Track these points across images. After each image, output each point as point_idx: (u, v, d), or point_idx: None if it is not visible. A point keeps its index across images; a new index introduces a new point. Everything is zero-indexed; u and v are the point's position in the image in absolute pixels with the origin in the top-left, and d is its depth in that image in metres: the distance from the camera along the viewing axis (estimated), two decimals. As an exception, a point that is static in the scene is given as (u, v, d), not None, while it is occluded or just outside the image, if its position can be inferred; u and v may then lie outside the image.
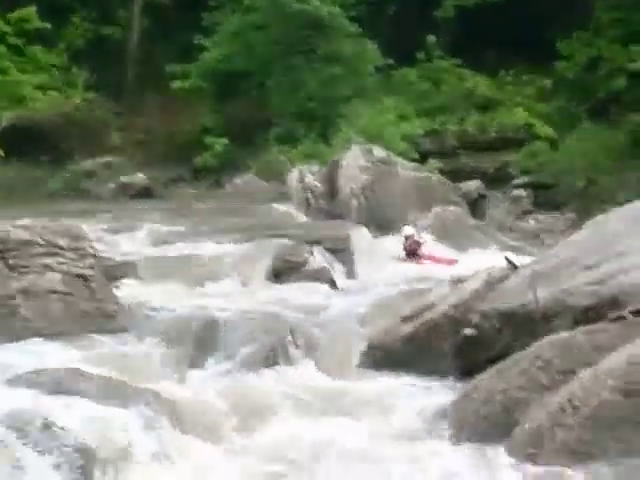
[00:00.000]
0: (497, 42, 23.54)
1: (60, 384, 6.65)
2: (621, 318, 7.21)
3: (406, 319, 8.78)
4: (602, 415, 6.00)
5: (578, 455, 5.91)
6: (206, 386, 7.57)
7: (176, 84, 23.64)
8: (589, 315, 7.43)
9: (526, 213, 21.90)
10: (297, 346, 8.88)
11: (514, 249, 16.13)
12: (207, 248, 12.86)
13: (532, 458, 5.99)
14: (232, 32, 24.00)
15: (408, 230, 15.56)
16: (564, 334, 7.05)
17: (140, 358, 8.49)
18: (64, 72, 24.76)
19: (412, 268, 14.11)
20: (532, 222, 21.36)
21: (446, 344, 8.41)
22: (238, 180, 21.41)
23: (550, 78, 24.54)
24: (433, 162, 21.59)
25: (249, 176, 21.45)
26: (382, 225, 16.65)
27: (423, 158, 21.57)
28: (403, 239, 15.36)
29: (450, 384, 7.91)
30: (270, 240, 12.98)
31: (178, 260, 12.39)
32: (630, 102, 22.73)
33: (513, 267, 8.88)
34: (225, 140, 22.53)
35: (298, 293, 11.09)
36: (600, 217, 9.20)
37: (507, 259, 9.12)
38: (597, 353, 6.62)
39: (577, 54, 24.00)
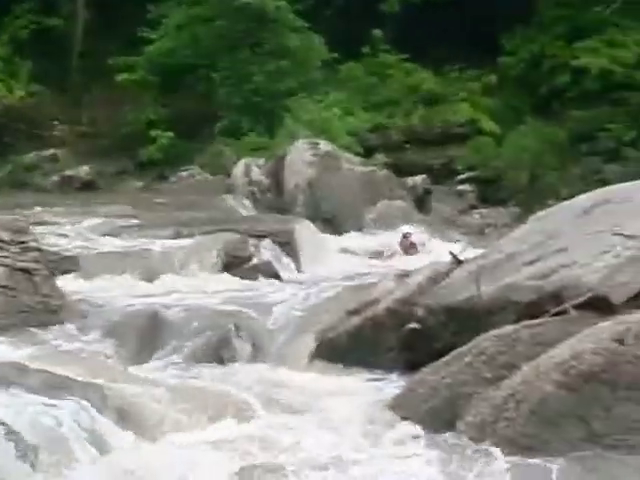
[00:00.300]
0: (443, 37, 23.63)
1: (3, 378, 6.59)
2: (563, 313, 7.30)
3: (352, 313, 8.81)
4: (545, 409, 6.06)
5: (520, 448, 5.98)
6: (151, 381, 7.53)
7: (122, 76, 23.47)
8: (532, 310, 7.50)
9: (471, 208, 22.04)
10: (243, 341, 8.89)
11: (459, 244, 16.22)
12: (152, 242, 12.81)
13: (474, 451, 6.04)
14: (178, 25, 23.88)
15: (407, 228, 15.69)
16: (507, 328, 7.11)
17: (85, 353, 8.45)
18: (8, 64, 24.47)
19: (358, 263, 14.15)
20: (477, 217, 21.50)
21: (392, 338, 8.46)
22: (184, 173, 21.33)
23: (495, 73, 24.69)
24: (379, 157, 21.65)
25: (195, 169, 21.38)
26: (328, 219, 16.69)
27: (369, 153, 21.61)
28: (400, 236, 15.45)
29: (396, 378, 7.96)
30: (216, 234, 12.95)
31: (123, 254, 12.32)
32: (573, 98, 22.99)
33: (457, 262, 8.94)
34: (170, 133, 22.42)
35: (244, 287, 11.09)
36: (543, 212, 9.31)
37: (452, 254, 9.18)
38: (540, 347, 6.69)
39: (521, 50, 24.20)
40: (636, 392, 6.00)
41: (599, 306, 7.25)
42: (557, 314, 7.32)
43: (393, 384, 7.69)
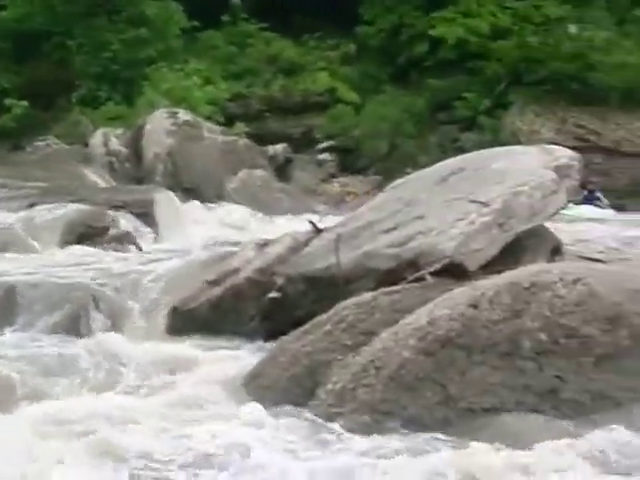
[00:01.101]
0: (302, 6, 23.64)
1: None
2: (421, 279, 7.41)
3: (212, 283, 8.78)
4: (403, 374, 6.13)
5: (379, 414, 6.04)
6: (4, 354, 7.38)
7: (-30, 44, 22.82)
8: (390, 277, 7.59)
9: (331, 176, 22.20)
10: (101, 313, 8.77)
11: (319, 212, 16.35)
12: (6, 214, 12.52)
13: (334, 418, 6.08)
14: (31, -10, 23.32)
15: None
16: (366, 296, 7.16)
17: None
18: None
19: (218, 232, 14.10)
20: (337, 185, 21.67)
21: (253, 308, 8.46)
22: (40, 143, 20.87)
23: (354, 43, 24.84)
24: (239, 126, 21.60)
25: (51, 139, 20.94)
26: (189, 189, 16.59)
27: (229, 122, 21.54)
28: None
29: (258, 347, 7.94)
30: (72, 205, 12.73)
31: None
32: (430, 68, 23.32)
33: (317, 230, 8.98)
34: (25, 102, 21.90)
35: (101, 259, 10.91)
36: (400, 180, 9.42)
37: (311, 222, 9.22)
38: (398, 314, 6.77)
39: (379, 20, 24.40)
40: (490, 355, 6.12)
41: (455, 272, 7.38)
42: (415, 281, 7.43)
43: (254, 354, 7.67)
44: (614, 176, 22.20)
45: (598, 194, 20.57)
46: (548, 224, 8.64)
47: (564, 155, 8.88)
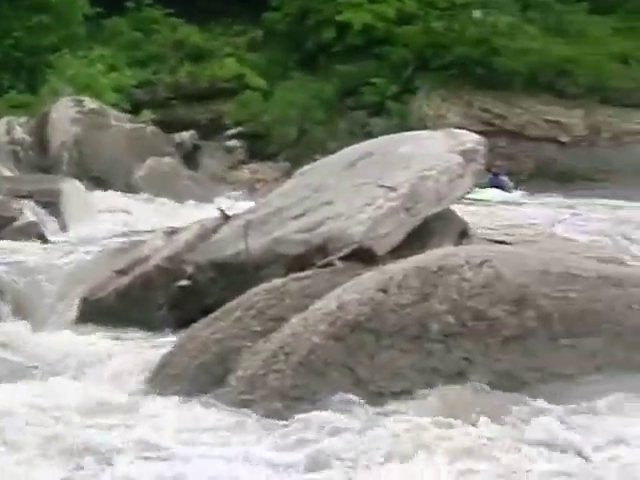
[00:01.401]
0: (208, -8, 23.53)
1: None
2: (330, 265, 7.44)
3: (120, 273, 8.70)
4: (313, 360, 6.15)
5: (290, 400, 6.05)
6: None
7: None
8: (300, 262, 7.61)
9: (241, 163, 22.14)
10: (7, 303, 8.65)
11: (228, 199, 16.32)
12: None
13: (245, 404, 6.07)
14: None
15: None
16: (276, 282, 7.16)
17: None
18: None
19: (127, 221, 13.98)
20: (246, 172, 21.62)
21: (162, 296, 8.40)
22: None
23: (261, 29, 24.77)
24: (146, 113, 21.39)
25: (-47, 129, 20.51)
26: (96, 178, 16.40)
27: (136, 109, 21.32)
28: None
29: (167, 336, 7.89)
30: (-24, 195, 12.52)
31: None
32: (338, 53, 23.36)
33: (226, 217, 8.96)
34: None
35: (7, 250, 10.74)
36: (309, 166, 9.44)
37: (220, 209, 9.20)
38: (308, 299, 6.78)
39: (286, 5, 24.36)
40: (399, 339, 6.17)
41: (364, 257, 7.43)
42: (324, 266, 7.45)
43: (165, 342, 7.61)
44: (519, 159, 22.54)
45: (503, 177, 20.85)
46: (457, 207, 8.73)
47: (470, 139, 8.97)
